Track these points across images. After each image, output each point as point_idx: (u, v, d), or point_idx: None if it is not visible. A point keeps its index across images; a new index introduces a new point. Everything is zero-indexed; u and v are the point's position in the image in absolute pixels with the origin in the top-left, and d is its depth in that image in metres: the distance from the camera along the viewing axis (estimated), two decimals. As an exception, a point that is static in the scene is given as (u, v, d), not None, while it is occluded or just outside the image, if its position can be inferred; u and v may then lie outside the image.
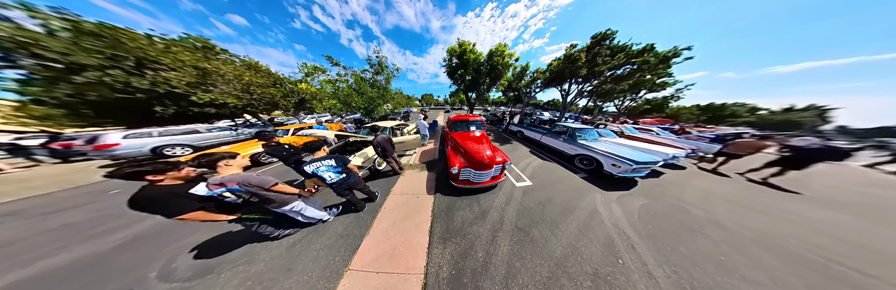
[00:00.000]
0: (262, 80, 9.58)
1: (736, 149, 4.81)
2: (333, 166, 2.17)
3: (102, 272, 2.00)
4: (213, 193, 1.58)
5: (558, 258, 2.02)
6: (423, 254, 2.03)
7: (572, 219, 2.59)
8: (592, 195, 3.21)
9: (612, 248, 2.17)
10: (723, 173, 4.78)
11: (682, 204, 3.13)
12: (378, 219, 2.54)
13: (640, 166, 3.35)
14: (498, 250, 2.08)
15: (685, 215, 2.82)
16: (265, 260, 2.01)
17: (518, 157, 5.18)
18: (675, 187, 3.80)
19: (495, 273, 1.86)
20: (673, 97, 14.46)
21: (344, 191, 2.33)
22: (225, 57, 9.68)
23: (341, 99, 8.30)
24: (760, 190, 3.94)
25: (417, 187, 3.26)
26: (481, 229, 2.32)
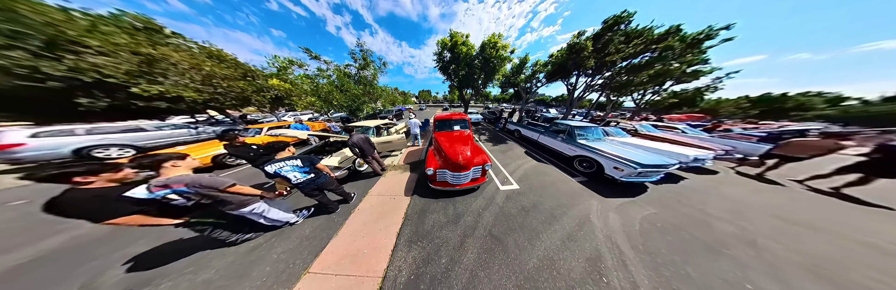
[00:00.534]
0: (228, 71, 8.02)
1: (793, 150, 3.99)
2: (299, 166, 2.10)
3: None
4: (155, 195, 1.45)
5: (530, 271, 1.79)
6: (386, 257, 1.94)
7: (557, 228, 2.32)
8: (588, 202, 2.87)
9: (597, 264, 1.88)
10: (772, 179, 4.01)
11: (702, 216, 2.65)
12: (350, 220, 2.46)
13: (646, 169, 2.93)
14: (464, 257, 1.92)
15: (704, 230, 2.38)
16: (217, 268, 1.89)
17: (510, 158, 4.83)
18: (698, 195, 3.26)
19: (455, 282, 1.71)
20: (708, 88, 12.11)
21: (313, 192, 2.25)
22: (178, 42, 7.98)
23: (322, 96, 7.56)
24: (827, 203, 3.20)
25: (396, 188, 3.17)
26: (451, 234, 2.16)
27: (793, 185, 3.78)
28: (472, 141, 3.57)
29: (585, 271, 1.81)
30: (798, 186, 3.74)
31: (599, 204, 2.83)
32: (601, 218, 2.53)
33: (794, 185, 3.77)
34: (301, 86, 7.90)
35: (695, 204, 2.96)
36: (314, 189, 2.24)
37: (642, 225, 2.42)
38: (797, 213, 2.85)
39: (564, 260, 1.91)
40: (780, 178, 4.09)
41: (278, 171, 2.01)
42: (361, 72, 8.28)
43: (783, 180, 4.02)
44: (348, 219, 2.49)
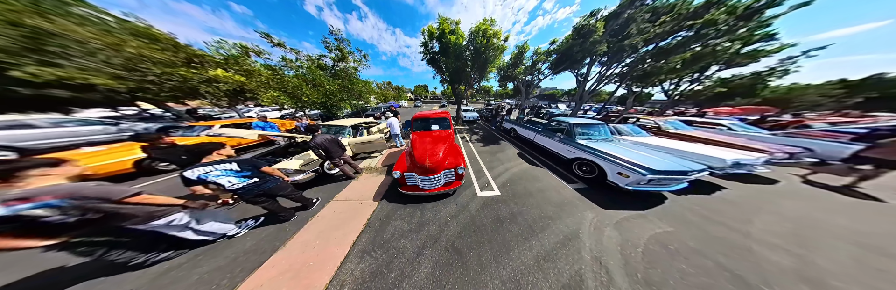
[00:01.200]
0: (163, 55, 6.13)
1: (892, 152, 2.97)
2: (235, 170, 1.83)
3: None
4: (9, 211, 1.14)
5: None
6: (333, 270, 1.75)
7: (533, 244, 1.97)
8: (580, 214, 2.43)
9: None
10: (865, 193, 3.06)
11: (741, 239, 2.06)
12: (304, 229, 2.23)
13: (660, 176, 2.38)
14: (416, 272, 1.70)
15: (741, 259, 1.83)
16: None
17: (499, 160, 4.37)
18: (739, 210, 2.57)
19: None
20: (774, 73, 9.11)
21: (258, 198, 1.98)
22: (83, 12, 5.77)
23: (288, 91, 6.47)
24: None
25: (366, 192, 2.98)
26: (409, 245, 1.96)
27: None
28: (452, 142, 3.33)
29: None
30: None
31: (595, 217, 2.38)
32: (593, 235, 2.10)
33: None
34: (258, 78, 6.79)
35: (732, 222, 2.33)
36: (259, 196, 1.98)
37: (648, 246, 1.95)
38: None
39: (533, 285, 1.58)
40: (881, 191, 3.06)
41: (203, 176, 1.70)
42: (339, 64, 7.33)
43: (886, 193, 3.00)
44: (303, 228, 2.25)
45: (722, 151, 3.17)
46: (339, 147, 3.01)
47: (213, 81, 7.00)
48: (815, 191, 3.22)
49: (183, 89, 6.62)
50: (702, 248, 1.95)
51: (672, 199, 2.80)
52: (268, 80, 6.85)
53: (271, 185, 2.03)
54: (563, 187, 3.11)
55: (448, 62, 7.12)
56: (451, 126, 3.92)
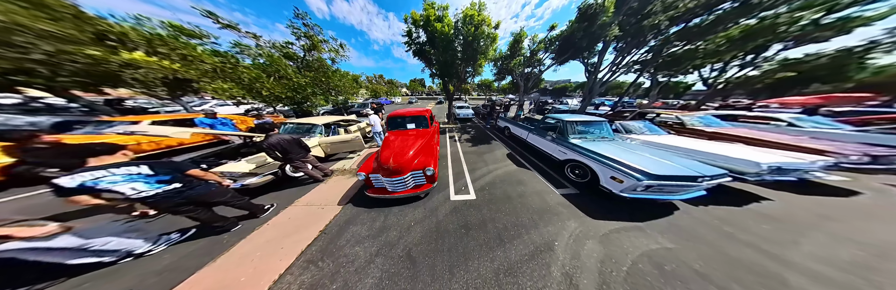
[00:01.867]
0: (55, 26, 4.53)
1: None
2: (147, 174, 1.53)
3: None
4: None
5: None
6: (267, 285, 1.55)
7: (498, 255, 1.75)
8: (562, 223, 2.12)
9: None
10: None
11: (769, 264, 1.62)
12: (247, 240, 1.98)
13: (659, 182, 1.99)
14: (360, 283, 1.57)
15: (760, 288, 1.41)
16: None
17: (485, 162, 4.06)
18: (779, 227, 2.06)
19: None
20: (878, 47, 6.68)
21: (181, 207, 1.70)
22: None
23: (245, 82, 5.53)
24: None
25: (332, 196, 2.76)
26: (362, 253, 1.86)
27: None
28: (430, 141, 3.19)
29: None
30: None
31: (579, 227, 2.06)
32: (570, 248, 1.81)
33: None
34: (199, 65, 5.54)
35: (765, 243, 1.85)
36: (184, 204, 1.70)
37: (636, 265, 1.61)
38: None
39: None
40: None
41: (92, 183, 1.38)
42: (312, 53, 6.33)
43: None
44: (246, 238, 2.00)
45: (760, 152, 2.57)
46: (301, 148, 2.78)
47: (133, 67, 5.30)
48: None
49: (94, 74, 5.07)
50: (710, 272, 1.55)
51: (685, 210, 2.34)
52: (214, 68, 5.60)
53: (201, 191, 1.76)
54: (549, 192, 2.79)
55: (436, 54, 6.27)
56: (429, 125, 3.79)
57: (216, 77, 5.74)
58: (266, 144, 2.54)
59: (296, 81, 5.83)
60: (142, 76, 5.55)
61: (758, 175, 2.32)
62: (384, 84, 42.36)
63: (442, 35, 5.85)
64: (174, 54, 5.64)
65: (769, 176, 2.32)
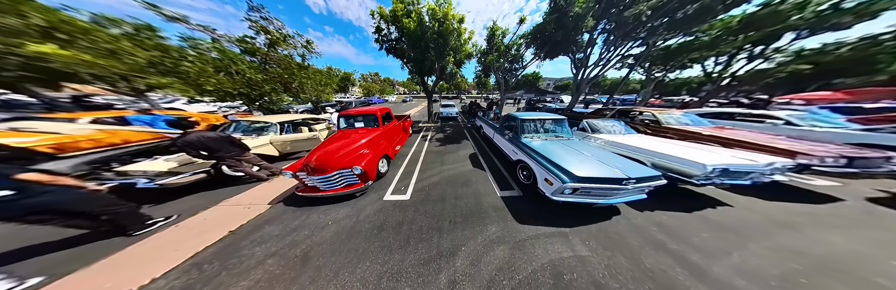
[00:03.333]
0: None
1: None
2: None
3: None
4: None
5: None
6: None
7: (393, 259, 1.64)
8: (482, 227, 1.99)
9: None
10: None
11: (681, 276, 1.45)
12: (143, 242, 1.87)
13: (582, 184, 1.83)
14: (233, 286, 1.47)
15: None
16: None
17: (442, 162, 3.93)
18: (721, 235, 1.86)
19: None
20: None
21: (27, 217, 1.52)
22: None
23: (191, 77, 5.10)
24: None
25: (266, 195, 2.68)
26: (259, 253, 1.77)
27: None
28: (374, 140, 3.11)
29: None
30: None
31: (498, 232, 1.93)
32: (474, 254, 1.68)
33: None
34: (131, 59, 5.04)
35: (693, 252, 1.66)
36: (28, 214, 1.51)
37: (534, 275, 1.47)
38: None
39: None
40: None
41: None
42: (275, 49, 5.94)
43: None
44: (143, 240, 1.89)
45: (709, 153, 2.34)
46: (235, 146, 2.68)
47: (44, 61, 4.70)
48: (887, 213, 2.15)
49: (42, 70, 4.75)
50: (609, 283, 1.40)
51: (627, 215, 2.15)
52: (151, 62, 5.17)
53: (56, 199, 1.54)
54: (490, 194, 2.65)
55: (406, 50, 5.99)
56: (380, 124, 3.71)
57: (153, 72, 5.26)
58: (180, 142, 2.36)
59: (250, 78, 5.47)
60: (102, 72, 5.15)
61: (707, 178, 2.11)
62: (379, 83, 41.56)
63: (409, 31, 5.58)
64: (99, 47, 4.99)
65: (719, 179, 2.10)
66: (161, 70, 5.24)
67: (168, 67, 5.20)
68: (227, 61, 5.42)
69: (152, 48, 5.26)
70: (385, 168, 3.44)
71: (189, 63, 5.17)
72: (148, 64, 5.18)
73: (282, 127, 3.96)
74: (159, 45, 5.35)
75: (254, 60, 5.94)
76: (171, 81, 5.27)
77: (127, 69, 5.21)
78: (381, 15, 5.87)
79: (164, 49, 5.36)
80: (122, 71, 5.20)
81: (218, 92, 5.31)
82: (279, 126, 3.94)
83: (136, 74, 5.29)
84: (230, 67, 5.39)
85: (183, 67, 5.13)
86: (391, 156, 3.83)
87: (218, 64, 5.38)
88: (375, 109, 3.85)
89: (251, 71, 5.58)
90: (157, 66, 5.21)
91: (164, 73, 5.24)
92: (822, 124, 3.76)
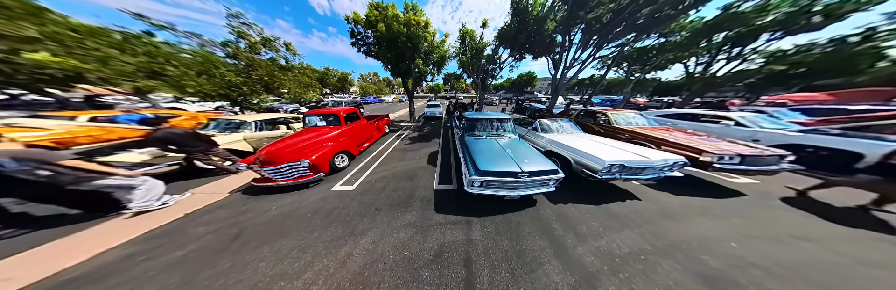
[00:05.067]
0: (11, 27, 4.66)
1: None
2: None
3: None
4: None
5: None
6: (57, 267, 1.62)
7: (304, 237, 1.93)
8: (396, 215, 2.26)
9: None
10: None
11: (540, 254, 1.69)
12: (99, 226, 2.09)
13: (482, 177, 2.07)
14: (163, 256, 1.72)
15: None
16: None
17: (403, 158, 4.19)
18: (607, 223, 2.08)
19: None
20: (888, 36, 5.98)
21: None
22: None
23: (174, 78, 5.45)
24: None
25: (231, 185, 2.96)
26: (201, 231, 2.06)
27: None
28: (336, 137, 3.35)
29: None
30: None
31: (412, 218, 2.19)
32: (378, 235, 1.95)
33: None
34: (114, 62, 5.31)
35: (566, 238, 1.90)
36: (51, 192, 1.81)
37: (419, 252, 1.73)
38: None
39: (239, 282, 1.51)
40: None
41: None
42: (257, 53, 6.33)
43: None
44: (101, 224, 2.11)
45: (614, 150, 2.56)
46: (203, 142, 2.98)
47: (41, 67, 5.13)
48: (788, 212, 2.32)
49: (45, 74, 5.22)
50: (479, 259, 1.64)
51: (540, 207, 2.37)
52: (138, 68, 5.51)
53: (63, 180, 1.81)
54: (427, 187, 2.90)
55: (380, 52, 6.28)
56: (342, 123, 3.99)
57: (141, 77, 5.65)
58: (150, 138, 2.70)
59: (229, 80, 5.84)
60: (92, 76, 5.56)
61: (609, 173, 2.32)
62: (377, 83, 42.03)
63: (382, 35, 5.90)
64: (90, 55, 5.39)
65: (620, 174, 2.30)
66: (148, 74, 5.66)
67: (155, 71, 5.62)
68: (208, 65, 5.84)
69: (140, 55, 5.73)
70: (345, 163, 3.74)
71: (173, 67, 5.61)
72: (136, 69, 5.57)
73: (257, 125, 4.29)
74: (148, 52, 5.78)
75: (236, 63, 6.39)
76: (157, 84, 5.68)
77: (115, 73, 5.60)
78: (355, 20, 6.22)
79: (152, 55, 5.78)
80: (109, 75, 5.58)
81: (199, 93, 5.74)
82: (255, 124, 4.27)
83: (124, 78, 5.71)
84: (211, 71, 5.80)
85: (168, 71, 5.56)
86: (354, 152, 4.12)
87: (199, 68, 5.80)
88: (338, 110, 4.13)
89: (230, 74, 5.99)
90: (144, 70, 5.62)
91: (151, 77, 5.66)
92: (766, 126, 3.88)
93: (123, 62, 5.51)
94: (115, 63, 5.48)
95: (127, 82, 5.79)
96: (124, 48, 5.68)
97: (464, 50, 7.54)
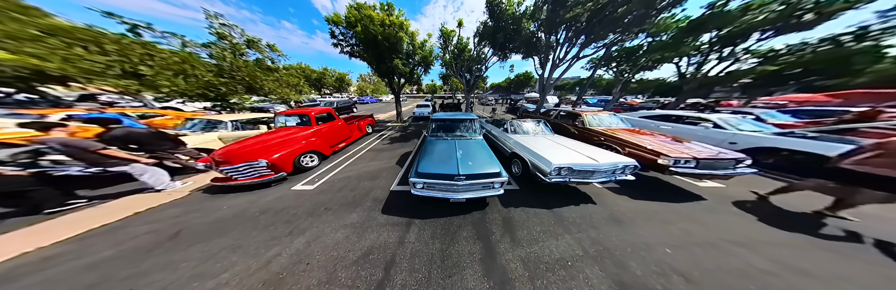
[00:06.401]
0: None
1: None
2: None
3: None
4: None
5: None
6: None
7: (243, 236, 1.93)
8: (340, 215, 2.25)
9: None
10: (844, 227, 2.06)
11: (463, 258, 1.66)
12: (52, 221, 2.18)
13: (423, 180, 2.06)
14: (94, 255, 1.73)
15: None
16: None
17: (375, 158, 4.18)
18: (545, 229, 2.03)
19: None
20: (886, 33, 5.63)
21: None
22: None
23: (147, 79, 5.41)
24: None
25: (196, 184, 2.98)
26: (142, 230, 2.07)
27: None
28: (305, 137, 3.37)
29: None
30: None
31: (356, 219, 2.18)
32: (315, 235, 1.94)
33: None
34: (80, 63, 5.22)
35: (499, 244, 1.86)
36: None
37: (347, 253, 1.71)
38: None
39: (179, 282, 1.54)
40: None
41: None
42: (240, 54, 6.40)
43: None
44: (54, 219, 2.20)
45: (565, 153, 2.52)
46: (167, 140, 3.00)
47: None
48: (739, 217, 2.23)
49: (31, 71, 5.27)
50: (402, 261, 1.62)
51: (490, 210, 2.33)
52: (107, 66, 5.42)
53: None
54: (385, 188, 2.89)
55: (359, 53, 6.30)
56: (313, 123, 3.99)
57: (112, 75, 5.51)
58: (106, 137, 2.66)
59: (207, 80, 5.87)
60: (92, 67, 5.42)
61: (559, 175, 2.27)
62: (375, 83, 42.28)
63: (360, 35, 5.90)
64: (55, 53, 5.24)
65: (570, 177, 2.25)
66: (119, 73, 5.57)
67: (126, 70, 5.55)
68: (185, 66, 5.82)
69: (112, 54, 5.64)
70: (314, 163, 3.76)
71: (146, 67, 5.55)
72: (106, 67, 5.45)
73: (233, 125, 4.34)
74: (120, 51, 5.69)
75: (217, 63, 6.40)
76: (128, 83, 5.58)
77: (81, 72, 5.47)
78: (335, 22, 6.19)
79: (125, 55, 5.69)
80: (74, 74, 5.47)
81: (173, 93, 5.74)
82: (231, 124, 4.33)
83: (93, 77, 5.58)
84: (188, 71, 5.79)
85: (141, 71, 5.52)
86: (326, 152, 4.13)
87: (176, 68, 5.77)
88: (310, 110, 4.14)
89: (209, 74, 6.01)
90: (114, 69, 5.52)
91: (124, 76, 5.58)
92: (744, 128, 3.78)
93: (91, 61, 5.41)
94: (82, 62, 5.38)
95: (98, 81, 5.67)
96: (88, 46, 5.52)
97: (446, 50, 7.48)
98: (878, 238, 1.91)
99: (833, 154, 2.37)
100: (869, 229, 2.01)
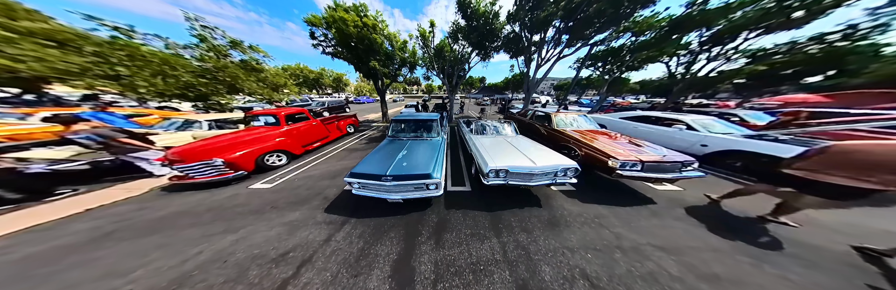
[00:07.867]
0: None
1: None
2: None
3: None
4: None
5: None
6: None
7: (186, 234, 1.96)
8: (287, 213, 2.28)
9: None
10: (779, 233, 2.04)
11: (379, 261, 1.66)
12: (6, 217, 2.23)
13: (356, 179, 2.10)
14: (34, 247, 1.84)
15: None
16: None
17: (347, 157, 4.22)
18: (474, 233, 2.01)
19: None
20: (874, 31, 5.67)
21: None
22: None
23: (124, 79, 5.47)
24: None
25: (159, 182, 3.01)
26: (82, 227, 2.13)
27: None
28: (269, 137, 3.41)
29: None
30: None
31: (296, 217, 2.20)
32: (249, 232, 1.96)
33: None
34: (53, 64, 5.32)
35: (430, 243, 1.85)
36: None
37: (268, 250, 1.72)
38: None
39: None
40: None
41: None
42: (225, 56, 6.51)
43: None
44: (6, 215, 2.24)
45: (507, 156, 2.50)
46: (135, 139, 3.03)
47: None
48: (679, 222, 2.16)
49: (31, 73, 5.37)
50: (318, 258, 1.62)
51: (433, 211, 2.32)
52: (84, 68, 5.51)
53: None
54: (339, 186, 2.89)
55: (340, 53, 6.32)
56: (282, 123, 4.03)
57: (89, 75, 5.59)
58: (67, 135, 2.77)
59: (186, 81, 5.95)
60: (47, 73, 5.50)
61: (498, 177, 2.24)
62: (371, 83, 42.73)
63: (338, 37, 5.95)
64: (25, 54, 5.25)
65: (509, 180, 2.22)
66: (96, 74, 5.65)
67: (104, 71, 5.62)
68: (165, 67, 5.90)
69: (89, 55, 5.74)
70: (283, 161, 3.81)
71: (123, 68, 5.65)
72: (81, 69, 5.55)
73: (209, 124, 4.43)
74: (98, 53, 5.76)
75: (201, 64, 6.52)
76: (105, 83, 5.63)
77: (55, 73, 5.55)
78: (313, 23, 6.24)
79: (104, 56, 5.77)
80: (47, 74, 5.56)
81: (151, 93, 5.82)
82: (206, 123, 4.42)
83: (69, 77, 5.65)
84: (167, 72, 5.88)
85: (119, 72, 5.60)
86: (297, 151, 4.18)
87: (155, 68, 5.86)
88: (280, 111, 4.19)
89: (187, 74, 6.07)
90: (92, 70, 5.60)
91: (101, 76, 5.67)
92: (716, 130, 3.68)
93: (66, 62, 5.51)
94: (57, 63, 5.47)
95: (75, 81, 5.75)
96: (65, 47, 5.65)
97: (426, 51, 7.47)
98: (802, 242, 1.84)
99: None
100: (800, 235, 1.94)
